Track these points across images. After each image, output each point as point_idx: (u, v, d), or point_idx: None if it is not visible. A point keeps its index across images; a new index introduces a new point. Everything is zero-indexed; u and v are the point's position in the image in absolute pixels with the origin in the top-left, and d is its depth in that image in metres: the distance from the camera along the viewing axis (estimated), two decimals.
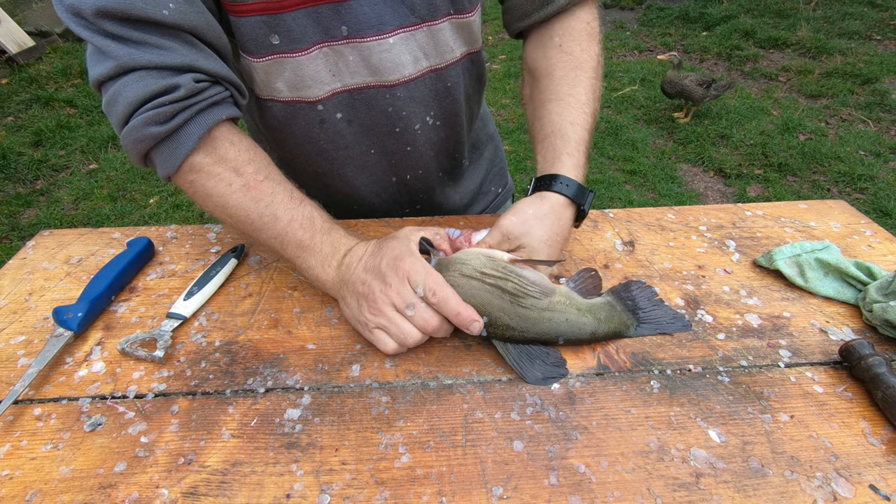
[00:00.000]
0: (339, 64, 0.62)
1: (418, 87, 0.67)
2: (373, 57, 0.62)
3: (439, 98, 0.70)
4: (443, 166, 0.81)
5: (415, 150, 0.73)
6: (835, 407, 0.49)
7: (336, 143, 0.70)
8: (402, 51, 0.63)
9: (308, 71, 0.62)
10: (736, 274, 0.65)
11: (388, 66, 0.63)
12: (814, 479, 0.43)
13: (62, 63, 3.67)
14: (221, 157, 0.55)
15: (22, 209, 2.48)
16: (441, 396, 0.50)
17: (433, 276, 0.50)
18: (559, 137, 0.63)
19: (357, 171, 0.74)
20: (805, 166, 2.71)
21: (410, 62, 0.64)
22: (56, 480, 0.43)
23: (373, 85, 0.65)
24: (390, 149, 0.72)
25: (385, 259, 0.51)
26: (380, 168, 0.75)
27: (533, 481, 0.43)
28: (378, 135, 0.70)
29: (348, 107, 0.66)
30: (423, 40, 0.64)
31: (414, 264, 0.50)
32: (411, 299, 0.50)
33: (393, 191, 0.79)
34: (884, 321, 0.55)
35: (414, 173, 0.76)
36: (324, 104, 0.65)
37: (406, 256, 0.51)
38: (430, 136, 0.73)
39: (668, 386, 0.51)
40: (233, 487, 0.42)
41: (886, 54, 3.73)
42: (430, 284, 0.49)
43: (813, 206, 0.78)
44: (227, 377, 0.52)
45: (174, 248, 0.70)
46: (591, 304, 0.57)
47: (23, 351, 0.55)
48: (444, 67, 0.68)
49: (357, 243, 0.57)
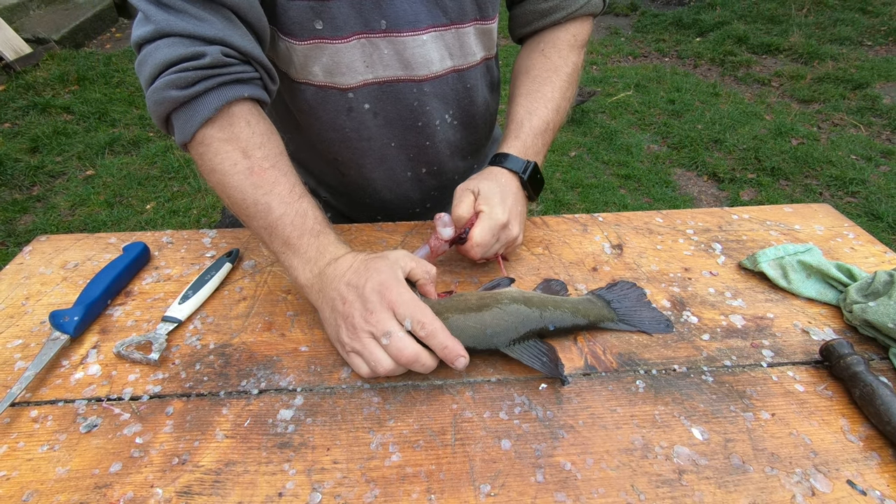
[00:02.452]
0: (373, 56, 0.66)
1: (442, 84, 0.72)
2: (406, 51, 0.67)
3: (459, 98, 0.75)
4: (457, 168, 0.84)
5: (433, 146, 0.77)
6: (815, 405, 0.50)
7: (360, 133, 0.73)
8: (432, 48, 0.68)
9: (344, 59, 0.65)
10: (721, 276, 0.66)
11: (419, 61, 0.68)
12: (793, 475, 0.44)
13: (59, 70, 3.68)
14: (234, 135, 0.55)
15: (18, 215, 2.49)
16: (431, 397, 0.51)
17: (421, 309, 0.48)
18: (515, 124, 0.70)
19: (375, 163, 0.77)
20: (797, 170, 2.73)
21: (438, 60, 0.69)
22: (52, 481, 0.44)
23: (402, 79, 0.69)
24: (410, 142, 0.75)
25: (370, 283, 0.49)
26: (397, 162, 0.78)
27: (520, 479, 0.44)
28: (400, 129, 0.73)
29: (377, 99, 0.70)
30: (450, 41, 0.69)
31: (401, 295, 0.49)
32: (389, 328, 0.48)
33: (406, 186, 0.81)
34: (863, 321, 0.56)
35: (429, 168, 0.80)
36: (354, 93, 0.69)
37: (393, 286, 0.49)
38: (448, 134, 0.77)
39: (654, 385, 0.52)
40: (226, 487, 0.43)
41: (877, 60, 3.77)
42: (418, 317, 0.48)
43: (798, 210, 0.79)
44: (221, 379, 0.53)
45: (170, 252, 0.71)
46: (569, 298, 0.59)
47: (20, 354, 0.55)
48: (466, 69, 0.73)
49: (343, 254, 0.54)
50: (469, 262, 0.68)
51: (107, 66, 3.85)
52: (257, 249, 0.71)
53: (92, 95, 3.46)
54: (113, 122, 3.24)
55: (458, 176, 0.85)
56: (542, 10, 0.75)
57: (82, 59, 3.90)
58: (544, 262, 0.69)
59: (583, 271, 0.67)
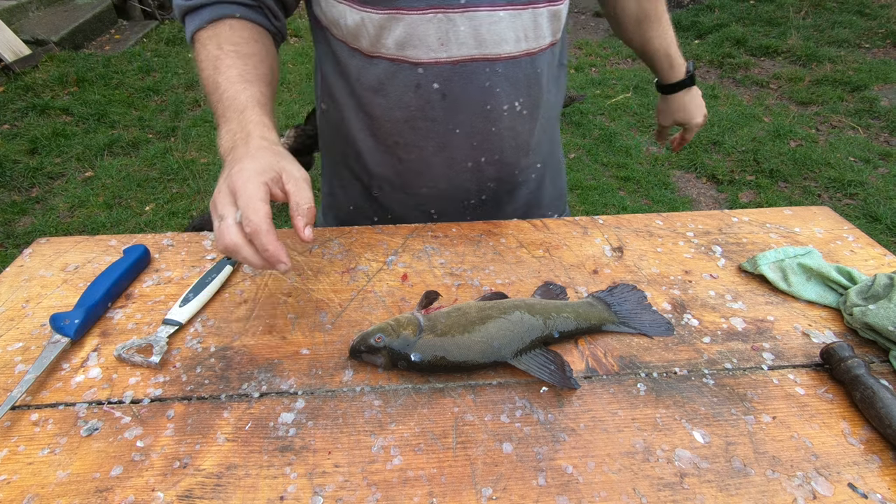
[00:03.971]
0: (449, 33, 0.66)
1: (515, 67, 0.71)
2: (482, 28, 0.66)
3: (529, 84, 0.74)
4: (518, 162, 0.82)
5: (498, 133, 0.76)
6: (815, 408, 0.50)
7: (425, 113, 0.72)
8: (508, 27, 0.68)
9: (418, 31, 0.66)
10: (722, 279, 0.66)
11: (494, 38, 0.68)
12: (794, 479, 0.44)
13: (58, 71, 3.68)
14: (216, 34, 0.66)
15: (17, 217, 2.48)
16: (432, 400, 0.51)
17: (254, 207, 0.49)
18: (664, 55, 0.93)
19: (437, 148, 0.76)
20: (796, 172, 2.74)
21: (513, 40, 0.69)
22: (53, 484, 0.44)
23: (476, 57, 0.68)
24: (476, 128, 0.74)
25: (235, 168, 0.53)
26: (459, 150, 0.76)
27: (522, 482, 0.44)
28: (467, 113, 0.73)
29: (447, 80, 0.70)
30: (526, 22, 0.69)
31: (245, 188, 0.50)
32: (223, 213, 0.51)
33: (465, 177, 0.80)
34: (864, 324, 0.56)
35: (490, 157, 0.78)
36: (424, 69, 0.69)
37: (246, 178, 0.51)
38: (515, 122, 0.76)
39: (655, 388, 0.52)
40: (227, 490, 0.43)
41: (875, 62, 3.79)
42: (247, 213, 0.49)
43: (797, 213, 0.79)
44: (222, 382, 0.53)
45: (170, 255, 0.71)
46: (569, 303, 0.60)
47: (20, 357, 0.55)
48: (537, 52, 0.72)
49: (255, 137, 0.57)
50: (470, 263, 0.68)
51: (106, 67, 3.85)
52: None
53: (91, 97, 3.46)
54: (112, 124, 3.24)
55: (518, 171, 0.82)
56: None
57: (81, 60, 3.90)
58: (545, 264, 0.69)
59: (583, 274, 0.67)
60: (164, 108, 3.45)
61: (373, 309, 0.62)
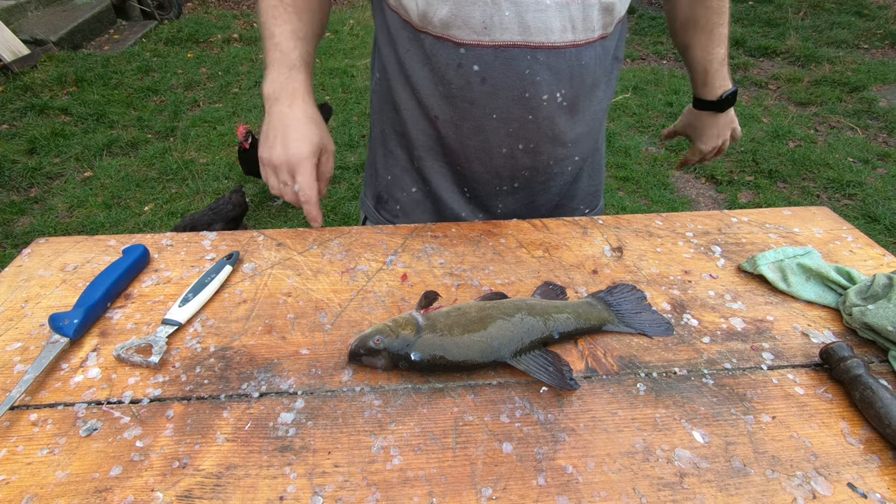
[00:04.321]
0: (493, 17, 0.66)
1: (558, 57, 0.70)
2: (528, 14, 0.66)
3: (573, 77, 0.73)
4: (555, 153, 0.81)
5: (535, 121, 0.75)
6: (815, 408, 0.50)
7: (464, 94, 0.73)
8: (554, 16, 0.67)
9: (463, 12, 0.67)
10: (721, 279, 0.67)
11: (539, 26, 0.67)
12: (794, 478, 0.44)
13: (57, 71, 3.67)
14: None
15: (16, 217, 2.48)
16: (432, 400, 0.51)
17: (308, 185, 0.71)
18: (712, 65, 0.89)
19: (473, 130, 0.76)
20: (795, 173, 2.75)
21: (559, 30, 0.68)
22: (52, 485, 0.44)
23: (519, 44, 0.68)
24: (513, 115, 0.74)
25: (291, 140, 0.71)
26: (495, 135, 0.76)
27: (521, 482, 0.44)
28: (505, 99, 0.72)
29: (488, 64, 0.70)
30: (575, 13, 0.68)
31: (302, 166, 0.71)
32: (285, 180, 0.72)
33: (499, 163, 0.80)
34: (863, 324, 0.56)
35: (526, 145, 0.78)
36: (466, 50, 0.69)
37: (301, 157, 0.71)
38: (554, 114, 0.75)
39: (654, 388, 0.52)
40: (227, 490, 0.43)
41: (874, 63, 3.80)
42: (303, 189, 0.71)
43: (797, 213, 0.79)
44: (221, 382, 0.53)
45: (169, 255, 0.71)
46: (569, 303, 0.60)
47: (19, 357, 0.55)
48: (584, 45, 0.71)
49: (300, 98, 0.73)
50: (470, 263, 0.68)
51: (105, 67, 3.84)
52: (257, 252, 0.71)
53: (90, 97, 3.46)
54: (111, 124, 3.24)
55: (553, 162, 0.81)
56: None
57: (80, 60, 3.90)
58: (544, 264, 0.69)
59: (583, 274, 0.67)
60: (163, 108, 3.45)
61: (372, 309, 0.62)
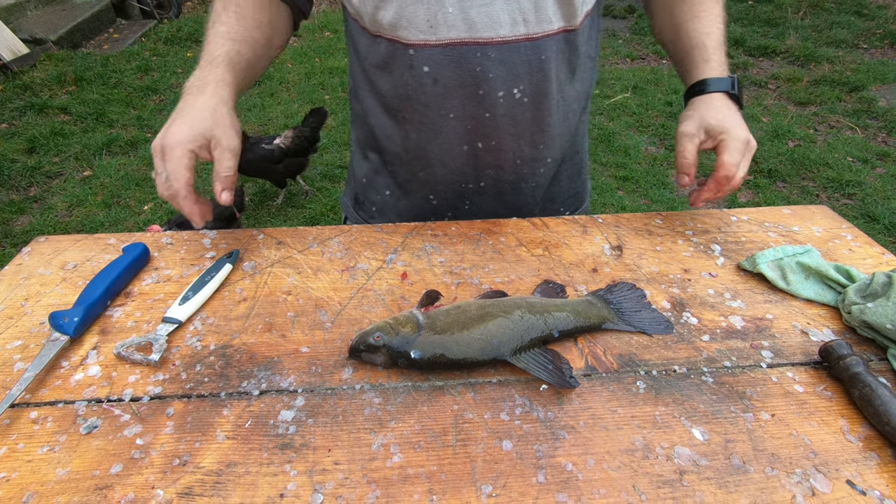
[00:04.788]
0: (438, 15, 0.65)
1: (511, 52, 0.68)
2: (472, 9, 0.65)
3: (531, 71, 0.70)
4: (521, 152, 0.78)
5: (493, 119, 0.73)
6: (814, 406, 0.51)
7: (419, 96, 0.72)
8: (501, 9, 0.65)
9: (406, 12, 0.66)
10: (721, 277, 0.67)
11: (485, 21, 0.65)
12: (793, 476, 0.44)
13: (56, 70, 3.67)
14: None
15: (15, 216, 2.48)
16: (432, 398, 0.51)
17: (175, 174, 0.60)
18: (697, 49, 0.73)
19: (431, 133, 0.75)
20: (794, 172, 2.75)
21: (508, 23, 0.66)
22: (52, 482, 0.44)
23: (467, 41, 0.67)
24: (469, 113, 0.72)
25: (172, 125, 0.63)
26: (454, 135, 0.75)
27: (521, 479, 0.44)
28: (460, 97, 0.71)
29: (437, 63, 0.68)
30: (525, 5, 0.66)
31: (173, 152, 0.61)
32: (158, 168, 0.62)
33: (462, 160, 0.78)
34: (862, 322, 0.56)
35: (486, 143, 0.76)
36: (415, 50, 0.68)
37: (175, 142, 0.61)
38: (514, 110, 0.73)
39: (654, 386, 0.52)
40: (227, 488, 0.43)
41: (873, 63, 3.80)
42: (170, 179, 0.61)
43: (796, 212, 0.80)
44: (221, 380, 0.53)
45: (169, 253, 0.71)
46: (568, 301, 0.60)
47: (19, 355, 0.55)
48: (540, 38, 0.68)
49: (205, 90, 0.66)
50: (470, 262, 0.69)
51: (104, 66, 3.84)
52: (257, 250, 0.71)
53: (89, 96, 3.45)
54: (110, 123, 3.23)
55: (520, 161, 0.79)
56: None
57: (80, 59, 3.90)
58: (544, 263, 0.69)
59: (583, 272, 0.67)
60: (163, 107, 3.45)
61: (372, 307, 0.62)
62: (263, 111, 3.40)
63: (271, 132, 3.07)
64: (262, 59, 0.76)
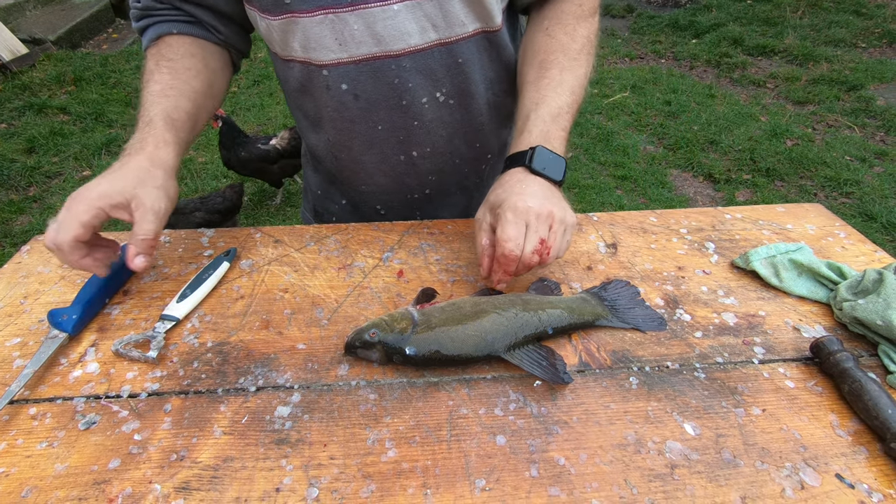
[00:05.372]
0: (344, 33, 0.64)
1: (426, 59, 0.67)
2: (377, 24, 0.63)
3: (451, 75, 0.70)
4: (459, 152, 0.78)
5: (422, 126, 0.73)
6: (805, 401, 0.51)
7: (342, 114, 0.72)
8: (407, 19, 0.63)
9: (313, 34, 0.64)
10: (714, 275, 0.67)
11: (392, 34, 0.64)
12: (783, 469, 0.45)
13: (55, 70, 3.67)
14: (157, 51, 0.69)
15: (14, 216, 2.48)
16: (427, 393, 0.52)
17: (65, 226, 0.54)
18: (522, 119, 0.67)
19: (364, 146, 0.75)
20: (792, 171, 2.75)
21: (417, 32, 0.65)
22: (51, 477, 0.44)
23: (379, 55, 0.66)
24: (397, 124, 0.72)
25: (91, 182, 0.57)
26: (387, 145, 0.74)
27: (514, 474, 0.45)
28: (385, 109, 0.70)
29: (354, 80, 0.68)
30: (430, 10, 0.64)
31: (74, 205, 0.55)
32: (56, 216, 0.56)
33: (401, 170, 0.78)
34: (853, 319, 0.57)
35: (421, 150, 0.75)
36: (329, 70, 0.67)
37: (82, 198, 0.55)
38: (442, 113, 0.73)
39: (647, 382, 0.53)
40: (224, 482, 0.44)
41: (871, 62, 3.80)
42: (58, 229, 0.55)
43: (790, 210, 0.80)
44: (218, 376, 0.53)
45: (167, 251, 0.71)
46: (563, 298, 0.60)
47: (18, 353, 0.56)
48: (454, 42, 0.67)
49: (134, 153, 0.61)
50: (465, 259, 0.69)
51: (103, 66, 3.84)
52: (255, 248, 0.72)
53: (88, 96, 3.46)
54: (110, 123, 3.24)
55: (458, 160, 0.79)
56: None
57: (79, 59, 3.90)
58: None
59: (577, 270, 0.68)
60: None
61: (368, 305, 0.62)
62: (262, 111, 3.41)
63: (270, 132, 3.08)
64: (206, 107, 0.71)
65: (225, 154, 2.33)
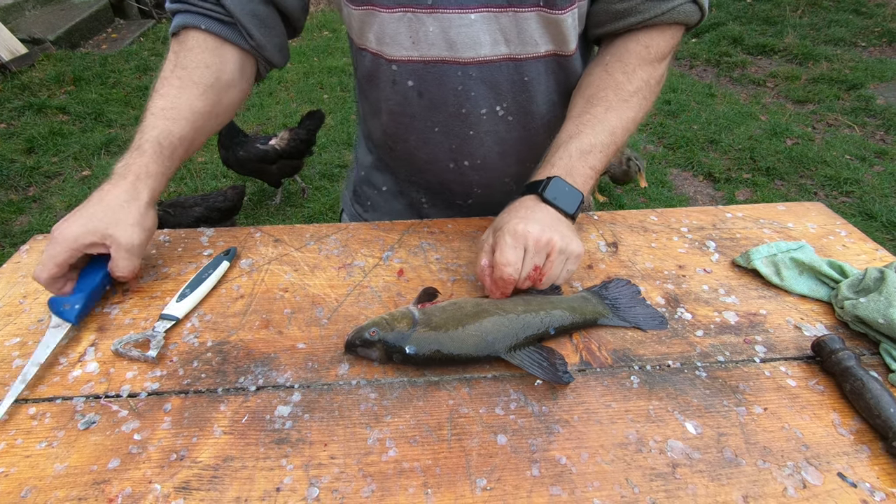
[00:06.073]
0: (419, 32, 0.65)
1: (492, 71, 0.68)
2: (451, 30, 0.64)
3: (515, 90, 0.70)
4: (508, 170, 0.78)
5: (476, 136, 0.73)
6: (806, 399, 0.51)
7: (403, 109, 0.73)
8: (481, 29, 0.64)
9: (389, 30, 0.66)
10: (715, 273, 0.67)
11: (465, 41, 0.65)
12: (785, 468, 0.45)
13: (55, 70, 3.67)
14: (180, 48, 0.68)
15: (14, 216, 2.48)
16: (428, 393, 0.52)
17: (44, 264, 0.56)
18: (552, 149, 0.66)
19: (419, 143, 0.76)
20: (792, 170, 2.75)
21: (489, 43, 0.66)
22: (50, 477, 0.44)
23: (447, 60, 0.67)
24: (453, 131, 0.73)
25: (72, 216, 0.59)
26: (440, 149, 0.76)
27: (516, 473, 0.44)
28: (444, 114, 0.72)
29: (420, 78, 0.69)
30: (506, 24, 0.65)
31: (54, 244, 0.57)
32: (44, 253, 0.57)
33: (449, 177, 0.79)
34: (854, 317, 0.57)
35: (472, 161, 0.76)
36: (398, 66, 0.69)
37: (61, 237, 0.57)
38: (498, 127, 0.73)
39: (648, 381, 0.53)
40: (224, 482, 0.44)
41: (871, 60, 3.80)
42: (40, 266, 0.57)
43: (791, 208, 0.80)
44: (218, 376, 0.53)
45: (167, 251, 0.71)
46: (564, 297, 0.60)
47: (17, 352, 0.56)
48: (524, 59, 0.68)
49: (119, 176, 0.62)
50: (466, 258, 0.69)
51: (103, 66, 3.84)
52: (255, 248, 0.71)
53: (88, 96, 3.45)
54: (109, 123, 3.23)
55: (508, 178, 0.79)
56: (616, 12, 0.66)
57: (78, 59, 3.89)
58: None
59: (578, 269, 0.68)
60: None
61: (369, 304, 0.62)
62: (262, 110, 3.40)
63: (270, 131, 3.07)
64: (206, 128, 0.70)
65: (223, 153, 2.33)
